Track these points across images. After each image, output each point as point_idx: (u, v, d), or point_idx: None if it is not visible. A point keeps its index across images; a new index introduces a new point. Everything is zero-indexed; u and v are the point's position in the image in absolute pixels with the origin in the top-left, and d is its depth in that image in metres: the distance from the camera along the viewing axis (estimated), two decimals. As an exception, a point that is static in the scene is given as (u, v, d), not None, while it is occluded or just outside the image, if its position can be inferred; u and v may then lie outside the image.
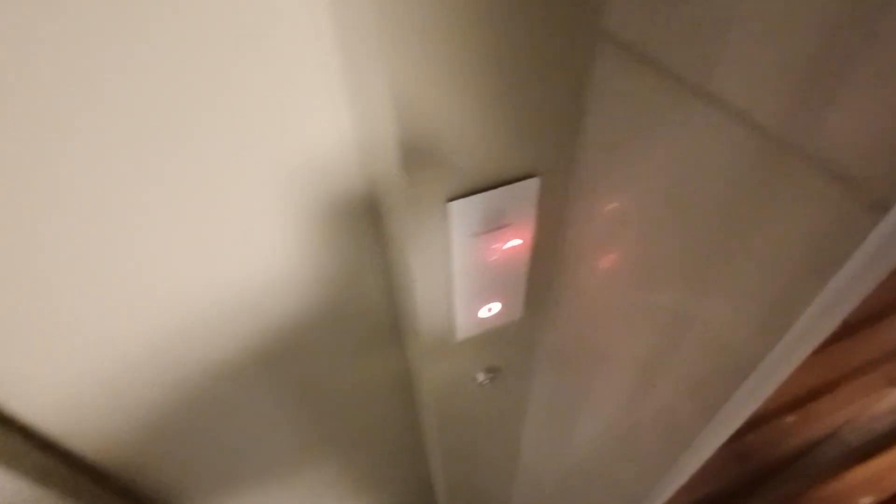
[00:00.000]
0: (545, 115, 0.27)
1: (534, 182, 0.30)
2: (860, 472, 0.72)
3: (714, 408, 0.50)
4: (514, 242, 0.33)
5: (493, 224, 0.31)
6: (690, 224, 0.42)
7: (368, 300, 0.43)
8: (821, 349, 0.42)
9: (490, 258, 0.33)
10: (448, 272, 0.33)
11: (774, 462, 1.35)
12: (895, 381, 1.47)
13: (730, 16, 0.29)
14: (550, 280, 0.38)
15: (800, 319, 0.42)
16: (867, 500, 0.67)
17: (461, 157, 0.27)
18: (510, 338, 0.42)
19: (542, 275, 0.37)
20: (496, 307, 0.37)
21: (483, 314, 0.37)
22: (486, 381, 0.46)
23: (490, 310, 0.37)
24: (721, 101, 0.32)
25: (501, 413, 0.55)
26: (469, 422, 0.54)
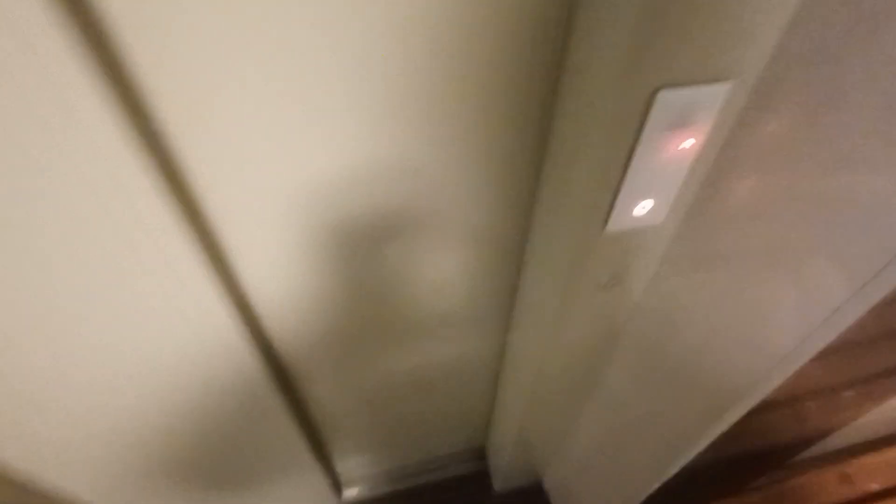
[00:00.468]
0: (751, 20, 0.32)
1: (723, 87, 0.35)
2: (872, 460, 0.77)
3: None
4: (687, 143, 0.38)
5: (678, 122, 0.37)
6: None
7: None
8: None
9: (665, 155, 0.39)
10: (626, 162, 0.39)
11: (793, 439, 1.42)
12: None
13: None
14: (698, 190, 0.44)
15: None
16: (876, 486, 0.74)
17: (676, 49, 0.32)
18: (644, 244, 0.48)
19: (694, 184, 0.43)
20: (648, 205, 0.43)
21: (637, 211, 0.43)
22: (608, 285, 0.52)
23: (643, 207, 0.43)
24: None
25: (604, 330, 0.61)
26: (574, 336, 0.60)
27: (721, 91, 0.35)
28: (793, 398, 1.05)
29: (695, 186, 0.44)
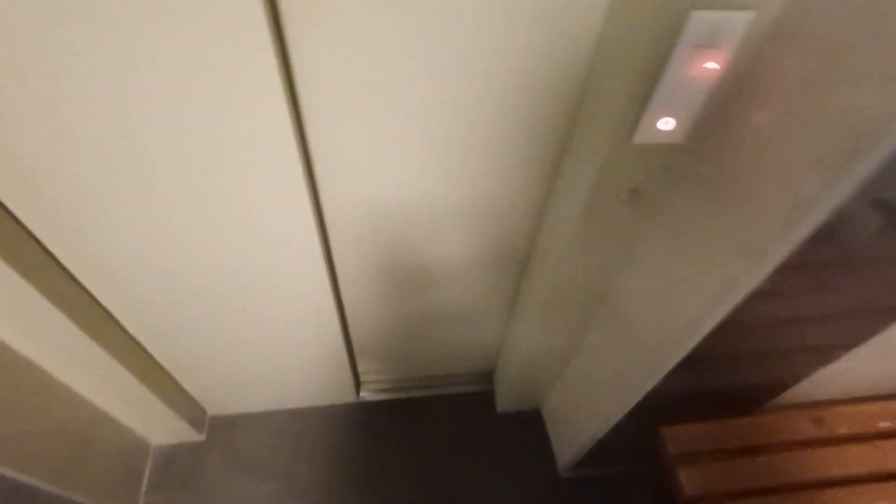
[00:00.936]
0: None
1: (747, 15, 0.42)
2: (845, 409, 0.84)
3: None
4: (712, 65, 0.46)
5: (706, 42, 0.44)
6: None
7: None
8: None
9: (691, 73, 0.46)
10: (658, 74, 0.47)
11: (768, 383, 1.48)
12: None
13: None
14: (718, 114, 0.51)
15: None
16: (885, 424, 0.83)
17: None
18: (664, 160, 0.56)
19: (715, 106, 0.50)
20: (671, 123, 0.51)
21: (661, 126, 0.51)
22: (627, 199, 0.61)
23: (667, 123, 0.51)
24: None
25: (618, 247, 0.70)
26: (592, 248, 0.69)
27: (745, 18, 0.42)
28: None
29: (712, 116, 0.52)
